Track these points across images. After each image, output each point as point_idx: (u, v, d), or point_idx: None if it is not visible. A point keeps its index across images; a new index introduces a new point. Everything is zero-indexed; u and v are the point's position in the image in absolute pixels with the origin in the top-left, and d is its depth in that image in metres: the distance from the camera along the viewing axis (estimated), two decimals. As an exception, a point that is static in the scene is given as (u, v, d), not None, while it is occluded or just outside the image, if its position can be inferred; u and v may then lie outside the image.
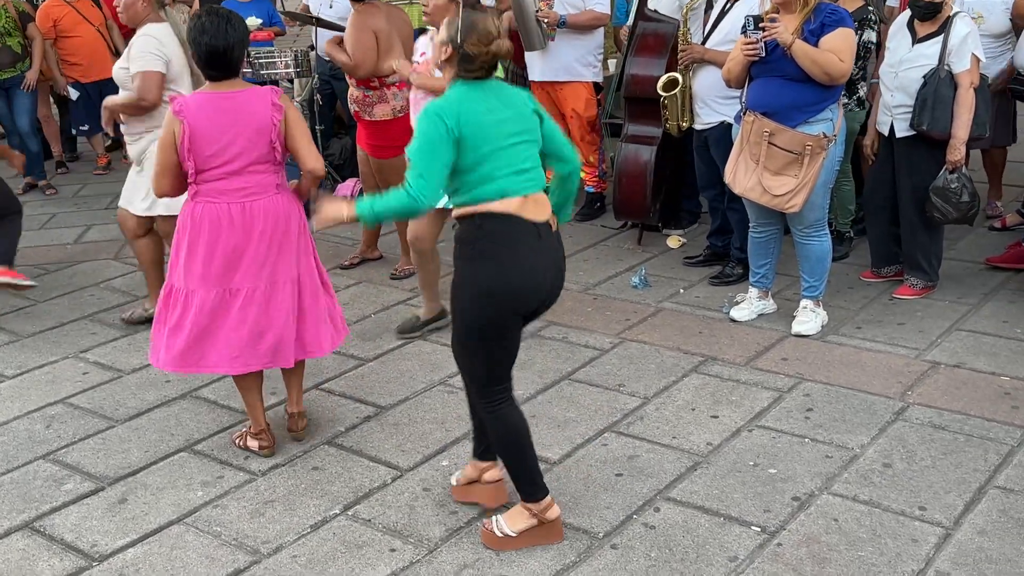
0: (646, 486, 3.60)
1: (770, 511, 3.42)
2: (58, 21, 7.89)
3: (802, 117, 4.48)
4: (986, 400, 4.10)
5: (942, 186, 4.84)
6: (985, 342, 4.61)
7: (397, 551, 3.31)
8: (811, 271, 4.79)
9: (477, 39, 3.10)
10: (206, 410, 4.31)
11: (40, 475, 3.85)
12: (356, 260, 5.97)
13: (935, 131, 4.77)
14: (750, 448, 3.82)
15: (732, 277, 5.41)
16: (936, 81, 4.72)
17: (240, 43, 3.67)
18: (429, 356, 4.71)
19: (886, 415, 4.01)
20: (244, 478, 3.77)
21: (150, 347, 3.91)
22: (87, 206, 7.52)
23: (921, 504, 3.43)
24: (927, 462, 3.68)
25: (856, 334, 4.75)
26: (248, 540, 3.40)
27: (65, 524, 3.54)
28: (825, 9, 4.43)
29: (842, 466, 3.67)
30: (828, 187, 4.69)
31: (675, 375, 4.43)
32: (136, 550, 3.38)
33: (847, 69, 4.40)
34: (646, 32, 5.79)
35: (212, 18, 3.64)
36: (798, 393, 4.23)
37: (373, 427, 4.11)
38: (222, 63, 3.66)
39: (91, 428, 4.19)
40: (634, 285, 5.44)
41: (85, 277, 6.01)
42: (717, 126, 5.32)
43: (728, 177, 4.78)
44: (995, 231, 6.04)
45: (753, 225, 4.90)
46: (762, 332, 4.81)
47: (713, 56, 5.20)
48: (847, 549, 3.21)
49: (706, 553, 3.23)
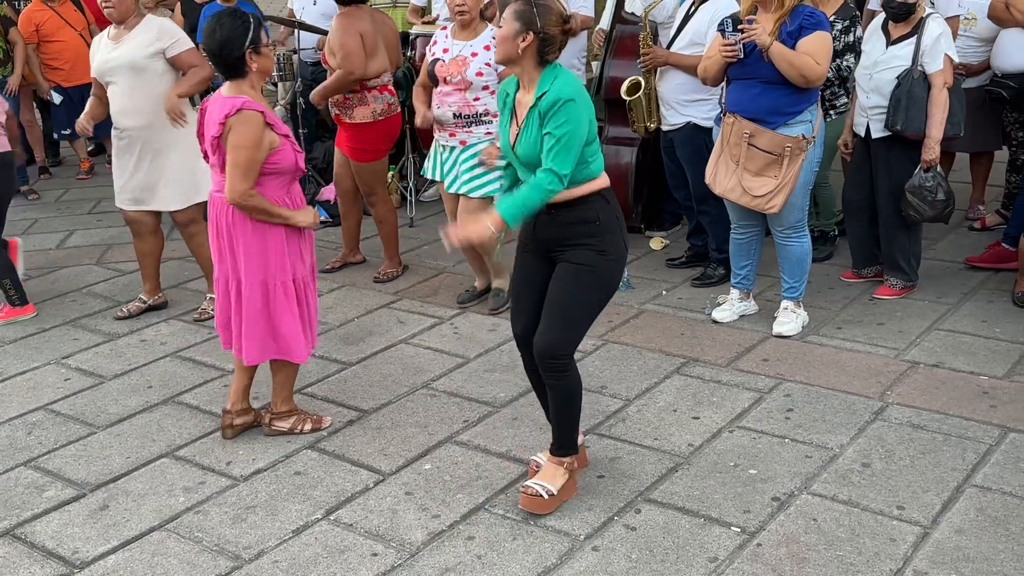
0: (627, 488, 3.62)
1: (750, 512, 3.44)
2: (40, 25, 7.88)
3: (782, 120, 4.51)
4: (964, 399, 4.13)
5: (917, 184, 4.88)
6: (964, 342, 4.65)
7: (379, 555, 3.32)
8: (791, 272, 4.81)
9: (555, 20, 3.27)
10: (188, 416, 4.30)
11: (21, 482, 3.84)
12: (338, 264, 5.97)
13: (909, 131, 4.81)
14: (731, 449, 3.84)
15: (714, 278, 5.44)
16: (909, 82, 4.77)
17: (226, 43, 3.66)
18: (412, 360, 4.72)
19: (865, 415, 4.04)
20: (226, 483, 3.77)
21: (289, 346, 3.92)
22: (70, 211, 7.50)
23: (899, 503, 3.45)
24: (906, 461, 3.71)
25: (836, 334, 4.78)
26: (230, 546, 3.40)
27: (46, 531, 3.53)
28: (803, 12, 4.46)
29: (821, 466, 3.70)
30: (808, 188, 4.72)
31: (657, 376, 4.45)
32: (117, 556, 3.37)
33: (823, 72, 4.43)
34: (624, 35, 5.82)
35: (210, 20, 3.73)
36: (779, 394, 4.25)
37: (355, 431, 4.11)
38: (215, 63, 3.76)
39: (73, 434, 4.18)
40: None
41: (67, 282, 6.00)
42: (683, 127, 5.34)
43: (708, 178, 4.80)
44: (975, 231, 6.08)
45: (734, 226, 4.93)
46: (743, 333, 4.84)
47: (676, 60, 5.23)
48: (826, 549, 3.23)
49: (686, 554, 3.24)
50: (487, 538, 3.37)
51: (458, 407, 4.26)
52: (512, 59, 3.32)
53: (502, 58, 3.37)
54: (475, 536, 3.38)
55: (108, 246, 6.63)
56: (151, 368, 4.77)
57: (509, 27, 3.28)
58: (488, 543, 3.34)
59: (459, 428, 4.07)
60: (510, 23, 3.28)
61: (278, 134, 3.72)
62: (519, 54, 3.29)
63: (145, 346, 5.02)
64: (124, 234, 6.74)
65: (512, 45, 3.28)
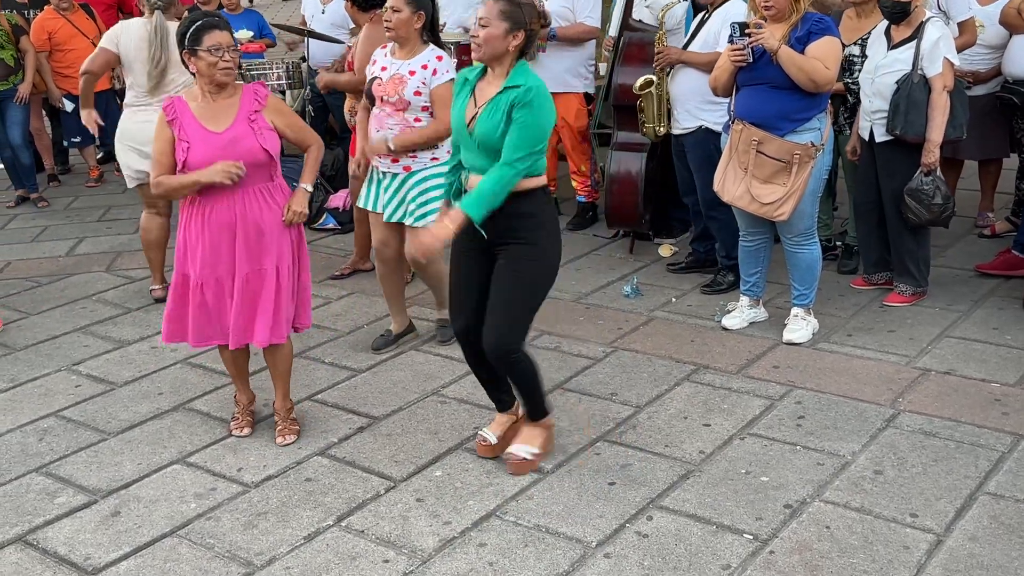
0: (639, 495, 3.61)
1: (762, 519, 3.44)
2: (53, 34, 7.91)
3: (790, 126, 4.52)
4: (976, 407, 4.12)
5: (915, 188, 4.88)
6: (975, 349, 4.64)
7: (391, 562, 3.31)
8: (801, 279, 4.81)
9: (539, 18, 3.46)
10: (199, 422, 4.31)
11: (33, 488, 3.85)
12: (348, 271, 5.97)
13: (910, 135, 4.81)
14: (742, 456, 3.84)
15: (723, 285, 5.43)
16: (909, 86, 4.77)
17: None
18: (422, 367, 4.72)
19: (877, 422, 4.03)
20: (237, 490, 3.77)
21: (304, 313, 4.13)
22: (79, 218, 7.52)
23: (912, 511, 3.44)
24: (918, 469, 3.69)
25: (847, 342, 4.77)
26: (241, 552, 3.40)
27: (58, 537, 3.54)
28: (812, 18, 4.48)
29: (833, 473, 3.69)
30: (817, 196, 4.72)
31: (667, 384, 4.45)
32: (129, 563, 3.38)
33: (832, 76, 4.44)
34: (632, 41, 5.84)
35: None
36: (790, 401, 4.24)
37: (366, 438, 4.11)
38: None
39: (84, 441, 4.19)
40: (626, 294, 5.46)
41: (77, 290, 6.01)
42: (695, 131, 5.35)
43: (717, 185, 4.80)
44: (985, 238, 6.07)
45: (743, 234, 4.92)
46: (753, 340, 4.83)
47: (688, 58, 5.24)
48: (839, 556, 3.22)
49: (699, 561, 3.24)
50: (499, 545, 3.36)
51: (468, 414, 4.26)
52: (499, 55, 3.45)
53: (488, 57, 3.47)
54: (487, 543, 3.38)
55: (118, 253, 6.65)
56: (161, 375, 4.78)
57: (497, 27, 3.41)
58: (500, 550, 3.34)
59: (469, 435, 4.07)
60: (498, 23, 3.41)
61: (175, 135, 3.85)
62: (508, 51, 3.43)
63: (155, 353, 5.02)
64: (133, 241, 6.76)
65: (502, 44, 3.43)
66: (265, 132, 3.88)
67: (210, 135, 3.83)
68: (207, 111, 3.86)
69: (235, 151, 3.82)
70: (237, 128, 3.85)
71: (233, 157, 3.80)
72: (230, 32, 3.85)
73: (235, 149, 3.82)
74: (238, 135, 3.84)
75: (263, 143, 3.85)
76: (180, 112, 3.86)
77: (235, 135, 3.84)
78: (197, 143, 3.82)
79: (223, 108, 3.87)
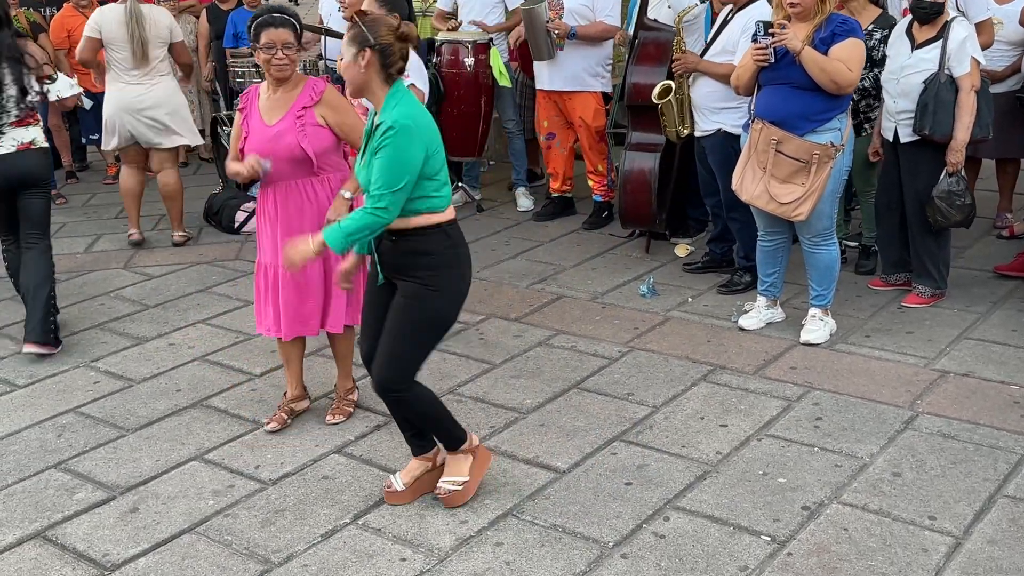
0: (655, 495, 3.61)
1: (780, 520, 3.43)
2: (72, 31, 7.94)
3: (810, 126, 4.50)
4: (995, 409, 4.09)
5: (947, 189, 4.85)
6: (994, 351, 4.61)
7: (408, 560, 3.32)
8: (819, 280, 4.79)
9: (386, 31, 3.22)
10: (217, 419, 4.32)
11: (52, 484, 3.87)
12: (365, 269, 5.98)
13: (938, 135, 4.78)
14: (759, 457, 3.83)
15: (740, 286, 5.42)
16: (936, 86, 4.74)
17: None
18: (437, 366, 4.72)
19: (895, 424, 4.01)
20: (255, 487, 3.79)
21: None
22: (97, 215, 7.55)
23: (931, 513, 3.43)
24: (937, 471, 3.68)
25: (865, 343, 4.75)
26: (259, 549, 3.41)
27: (77, 533, 3.56)
28: (836, 19, 4.46)
29: (851, 475, 3.68)
30: (836, 196, 4.70)
31: (684, 384, 4.44)
32: (148, 559, 3.39)
33: (855, 79, 4.42)
34: (646, 41, 5.82)
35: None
36: (807, 402, 4.23)
37: (383, 436, 4.12)
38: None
39: (102, 437, 4.21)
40: (642, 294, 5.45)
41: (95, 286, 6.04)
42: (714, 134, 5.34)
43: (735, 184, 4.79)
44: (1003, 239, 6.04)
45: (762, 234, 4.91)
46: (771, 341, 4.82)
47: (705, 67, 5.23)
48: (857, 558, 3.21)
49: (716, 563, 3.23)
50: (515, 544, 3.37)
51: (484, 413, 4.26)
52: (361, 85, 3.27)
53: (353, 89, 3.31)
54: (503, 542, 3.38)
55: (135, 250, 6.68)
56: (179, 372, 4.80)
57: (347, 55, 3.24)
58: (516, 549, 3.34)
59: (485, 434, 4.07)
60: (346, 51, 3.24)
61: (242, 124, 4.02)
62: (364, 74, 3.23)
63: (173, 350, 5.05)
64: (151, 238, 6.80)
65: (355, 69, 3.23)
66: (308, 128, 3.89)
67: (264, 127, 3.92)
68: (269, 103, 3.96)
69: (277, 146, 3.88)
70: (284, 123, 3.90)
71: (275, 151, 3.87)
72: (290, 28, 3.89)
73: (278, 144, 3.88)
74: (282, 130, 3.89)
75: (301, 140, 3.87)
76: (250, 102, 3.99)
77: (280, 130, 3.90)
78: (253, 134, 3.94)
79: (282, 101, 3.93)
